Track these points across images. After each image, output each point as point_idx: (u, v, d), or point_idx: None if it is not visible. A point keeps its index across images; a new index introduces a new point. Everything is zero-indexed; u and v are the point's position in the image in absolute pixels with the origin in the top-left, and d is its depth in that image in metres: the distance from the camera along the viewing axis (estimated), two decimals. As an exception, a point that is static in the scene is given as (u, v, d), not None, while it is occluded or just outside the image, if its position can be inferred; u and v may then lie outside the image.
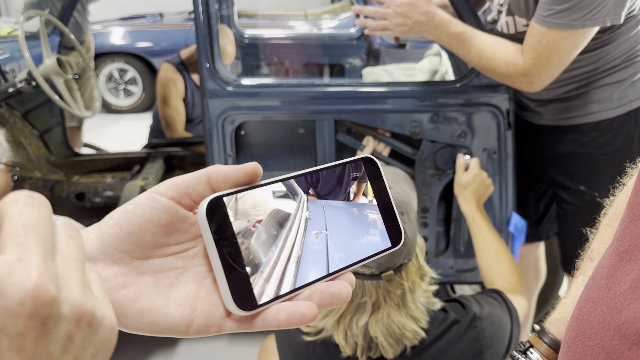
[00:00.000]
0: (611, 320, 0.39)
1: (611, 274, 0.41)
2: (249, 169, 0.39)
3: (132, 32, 5.66)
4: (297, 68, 3.23)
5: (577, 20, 1.28)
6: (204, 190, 0.39)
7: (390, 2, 1.43)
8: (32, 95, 2.49)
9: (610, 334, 0.38)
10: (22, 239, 0.28)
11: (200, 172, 0.39)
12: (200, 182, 0.39)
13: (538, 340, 0.64)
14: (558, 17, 1.29)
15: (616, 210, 0.63)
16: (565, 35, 1.31)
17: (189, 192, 0.38)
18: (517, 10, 1.42)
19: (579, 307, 0.44)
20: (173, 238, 0.39)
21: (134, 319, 0.37)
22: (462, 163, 1.64)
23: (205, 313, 0.38)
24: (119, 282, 0.37)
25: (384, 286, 1.05)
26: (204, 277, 0.40)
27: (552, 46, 1.33)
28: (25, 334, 0.26)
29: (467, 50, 1.44)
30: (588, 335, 0.41)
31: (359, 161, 0.46)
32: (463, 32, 1.43)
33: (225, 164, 1.71)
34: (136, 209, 0.37)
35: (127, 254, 0.38)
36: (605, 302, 0.40)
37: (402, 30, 1.45)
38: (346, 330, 1.08)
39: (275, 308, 0.38)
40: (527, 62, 1.38)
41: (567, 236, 1.73)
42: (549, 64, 1.35)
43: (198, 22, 1.62)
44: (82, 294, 0.29)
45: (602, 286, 0.41)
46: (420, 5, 1.41)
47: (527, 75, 1.39)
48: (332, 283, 0.40)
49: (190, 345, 2.22)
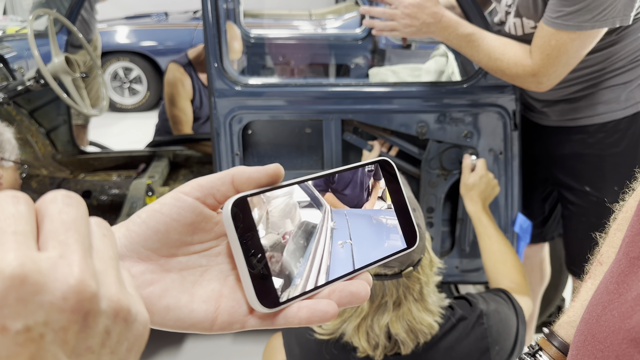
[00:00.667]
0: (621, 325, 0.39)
1: (622, 279, 0.41)
2: (271, 170, 0.41)
3: (137, 31, 5.67)
4: (303, 68, 3.24)
5: (587, 22, 1.29)
6: (227, 190, 0.40)
7: (398, 3, 1.43)
8: (39, 93, 2.51)
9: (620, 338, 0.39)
10: (62, 237, 0.29)
11: (224, 172, 0.40)
12: (224, 182, 0.40)
13: (547, 343, 0.64)
14: (568, 19, 1.30)
15: (625, 214, 0.63)
16: (575, 37, 1.32)
17: (213, 192, 0.40)
18: (526, 12, 1.43)
19: (589, 311, 0.44)
20: (197, 237, 0.40)
21: (160, 315, 0.38)
22: (469, 164, 1.65)
23: (228, 310, 0.39)
24: (145, 279, 0.38)
25: (404, 283, 1.07)
26: (227, 275, 0.41)
27: (561, 47, 1.33)
28: (68, 328, 0.27)
29: (475, 51, 1.45)
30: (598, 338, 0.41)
31: (376, 163, 0.47)
32: (471, 33, 1.44)
33: (232, 163, 1.73)
34: (163, 208, 0.39)
35: (154, 252, 0.39)
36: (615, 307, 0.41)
37: (410, 31, 1.45)
38: (368, 331, 1.09)
39: (297, 306, 0.39)
40: (535, 62, 1.38)
41: (572, 237, 1.74)
42: (558, 64, 1.36)
43: (207, 21, 1.63)
44: (119, 290, 0.30)
45: (612, 291, 0.42)
46: (428, 7, 1.42)
47: (535, 76, 1.40)
48: (352, 282, 0.41)
49: (195, 343, 2.23)
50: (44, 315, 0.26)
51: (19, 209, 0.28)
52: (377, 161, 0.47)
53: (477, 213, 1.58)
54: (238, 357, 2.18)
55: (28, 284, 0.26)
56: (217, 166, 1.75)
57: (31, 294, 0.26)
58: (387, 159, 0.48)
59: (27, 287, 0.26)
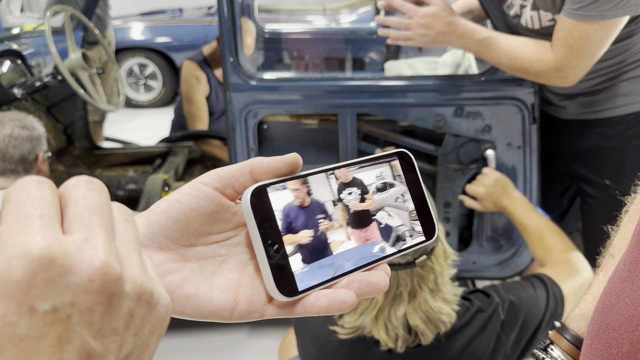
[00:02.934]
0: (635, 311, 0.39)
1: (634, 266, 0.41)
2: (290, 160, 0.41)
3: (152, 28, 5.70)
4: (317, 62, 3.23)
5: (609, 10, 1.27)
6: (246, 180, 0.40)
7: (414, 13, 1.43)
8: (56, 89, 2.53)
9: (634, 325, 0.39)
10: (86, 221, 0.29)
11: (242, 163, 0.40)
12: (242, 173, 0.40)
13: (559, 336, 0.64)
14: (589, 9, 1.27)
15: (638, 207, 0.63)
16: (598, 27, 1.29)
17: (231, 182, 0.40)
18: (543, 4, 1.41)
19: (602, 301, 0.44)
20: (216, 227, 0.40)
21: (180, 303, 0.38)
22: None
23: (247, 299, 0.39)
24: (165, 268, 0.39)
25: (418, 273, 1.06)
26: (245, 265, 0.41)
27: (584, 38, 1.31)
28: (94, 309, 0.27)
29: (495, 53, 1.44)
30: (612, 327, 0.41)
31: (394, 155, 0.47)
32: (488, 36, 1.43)
33: (247, 158, 1.73)
34: (182, 198, 0.39)
35: (174, 241, 0.39)
36: (628, 294, 0.40)
37: (425, 41, 1.45)
38: (386, 323, 1.09)
39: (315, 295, 0.39)
40: (558, 56, 1.36)
41: (591, 231, 1.72)
42: (582, 56, 1.34)
43: (222, 16, 1.63)
44: (142, 274, 0.30)
45: (624, 279, 0.42)
46: (443, 16, 1.41)
47: (560, 70, 1.38)
48: (370, 273, 0.41)
49: (211, 336, 2.25)
50: (71, 297, 0.26)
51: (44, 193, 0.29)
52: (395, 153, 0.47)
53: (510, 213, 1.58)
54: (254, 351, 2.19)
55: (55, 265, 0.26)
56: (232, 160, 1.76)
57: (58, 275, 0.26)
58: (405, 150, 0.47)
59: (55, 268, 0.26)
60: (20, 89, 2.10)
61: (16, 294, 0.25)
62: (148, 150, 2.99)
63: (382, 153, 0.46)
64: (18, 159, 1.62)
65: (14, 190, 0.28)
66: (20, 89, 2.11)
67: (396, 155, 0.47)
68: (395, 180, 0.46)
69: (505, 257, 1.87)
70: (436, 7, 1.41)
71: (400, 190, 0.46)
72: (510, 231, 1.84)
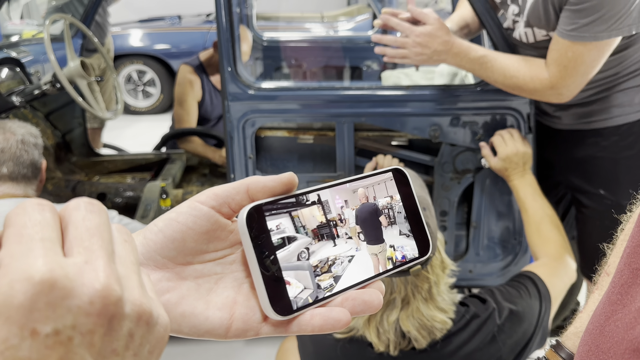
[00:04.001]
0: (625, 335, 0.39)
1: (625, 290, 0.42)
2: (285, 179, 0.41)
3: (150, 34, 5.72)
4: (315, 70, 3.24)
5: (602, 32, 1.28)
6: (242, 199, 0.40)
7: (410, 32, 1.45)
8: (54, 97, 2.54)
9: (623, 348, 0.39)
10: (87, 243, 0.30)
11: (239, 182, 0.41)
12: (239, 191, 0.40)
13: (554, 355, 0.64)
14: (583, 31, 1.29)
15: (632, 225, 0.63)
16: (591, 47, 1.32)
17: (228, 201, 0.40)
18: (537, 22, 1.42)
19: (593, 322, 0.45)
20: (213, 245, 0.41)
21: (176, 322, 0.39)
22: (487, 152, 1.64)
23: (243, 317, 0.40)
24: (162, 286, 0.39)
25: (412, 281, 1.08)
26: (241, 283, 0.42)
27: (578, 58, 1.33)
28: (94, 331, 0.28)
29: (490, 72, 1.46)
30: (601, 349, 0.41)
31: (388, 172, 0.47)
32: (483, 55, 1.45)
33: (245, 166, 1.74)
34: (179, 217, 0.39)
35: (170, 260, 0.40)
36: (619, 318, 0.41)
37: (421, 59, 1.47)
38: (378, 327, 1.11)
39: (310, 313, 0.40)
40: (553, 75, 1.38)
41: (586, 240, 1.73)
42: (576, 75, 1.36)
43: (220, 26, 1.64)
44: (141, 295, 0.31)
45: (615, 302, 0.42)
46: (439, 35, 1.43)
47: (554, 88, 1.40)
48: (364, 291, 0.42)
49: (208, 345, 2.25)
50: (72, 319, 0.27)
51: (45, 216, 0.29)
52: (389, 170, 0.47)
53: (515, 188, 1.60)
54: (251, 358, 2.19)
55: (57, 289, 0.26)
56: (230, 169, 1.76)
57: (60, 298, 0.27)
58: (399, 167, 0.48)
59: (56, 292, 0.26)
60: (18, 97, 2.11)
61: (18, 317, 0.26)
62: (146, 157, 3.00)
63: (377, 170, 0.47)
64: (29, 165, 1.64)
65: (16, 214, 0.29)
66: (18, 96, 2.11)
67: (391, 172, 0.47)
68: (389, 196, 0.47)
69: (501, 265, 1.88)
70: (432, 26, 1.43)
71: (395, 206, 0.47)
72: (506, 240, 1.85)
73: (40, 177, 1.70)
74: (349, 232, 0.44)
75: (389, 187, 0.47)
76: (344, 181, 0.45)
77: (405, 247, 0.46)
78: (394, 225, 0.46)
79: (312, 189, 0.43)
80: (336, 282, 0.42)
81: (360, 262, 0.43)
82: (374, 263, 0.44)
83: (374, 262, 0.44)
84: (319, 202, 0.43)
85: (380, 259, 0.44)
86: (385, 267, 0.45)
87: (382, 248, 0.45)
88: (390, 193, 0.47)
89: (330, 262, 0.42)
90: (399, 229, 0.46)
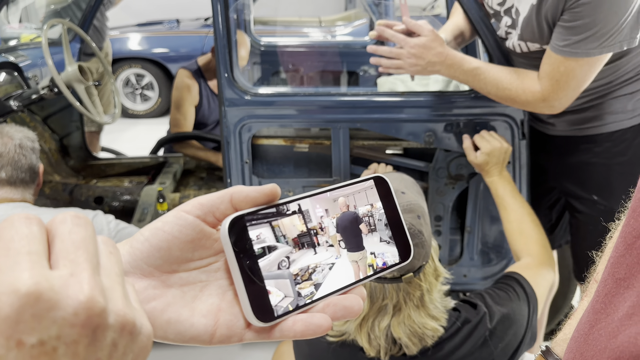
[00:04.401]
0: (607, 344, 0.40)
1: (609, 299, 0.43)
2: (268, 190, 0.43)
3: (149, 38, 5.73)
4: (312, 75, 3.26)
5: (594, 49, 1.30)
6: (226, 209, 0.42)
7: (405, 44, 1.47)
8: (52, 100, 2.55)
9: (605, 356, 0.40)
10: (72, 256, 0.31)
11: (223, 192, 0.42)
12: (223, 201, 0.42)
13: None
14: (575, 47, 1.31)
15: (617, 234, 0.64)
16: (583, 62, 1.34)
17: (213, 210, 0.41)
18: (531, 37, 1.44)
19: (578, 330, 0.46)
20: (198, 253, 0.42)
21: (162, 328, 0.40)
22: (469, 145, 1.65)
23: (227, 324, 0.41)
24: (148, 294, 0.40)
25: (404, 288, 1.09)
26: (225, 290, 0.43)
27: (570, 73, 1.36)
28: (79, 342, 0.29)
29: (483, 83, 1.48)
30: (585, 357, 0.42)
31: (370, 180, 0.49)
32: (477, 67, 1.47)
33: (242, 171, 1.75)
34: (165, 226, 0.41)
35: (156, 268, 0.41)
36: (603, 326, 0.42)
37: (415, 70, 1.49)
38: (369, 332, 1.12)
39: (292, 319, 0.41)
40: (545, 88, 1.41)
41: (580, 245, 1.74)
42: (568, 88, 1.38)
43: (217, 32, 1.66)
44: (125, 305, 0.32)
45: (598, 310, 0.43)
46: (433, 47, 1.45)
47: (546, 101, 1.42)
48: (346, 297, 0.43)
49: (204, 349, 2.25)
50: (57, 330, 0.28)
51: (32, 230, 0.30)
52: (370, 178, 0.49)
53: (493, 184, 1.59)
54: (247, 362, 2.19)
55: (42, 301, 0.28)
56: (227, 174, 1.77)
57: (45, 310, 0.28)
58: (380, 175, 0.49)
59: (42, 304, 0.28)
60: (16, 101, 2.12)
61: (4, 329, 0.27)
62: (143, 161, 3.01)
63: (357, 179, 0.48)
64: (27, 169, 1.65)
65: (3, 227, 0.30)
66: (16, 100, 2.12)
67: (372, 180, 0.49)
68: (370, 204, 0.48)
69: (495, 270, 1.89)
70: (427, 37, 1.45)
71: (375, 214, 0.48)
72: (500, 245, 1.86)
73: (38, 181, 1.71)
74: (329, 240, 0.45)
75: (370, 195, 0.48)
76: (325, 190, 0.46)
77: (385, 253, 0.47)
78: (375, 233, 0.47)
79: (292, 199, 0.44)
80: (317, 289, 0.43)
81: (341, 269, 0.45)
82: (355, 270, 0.45)
83: (354, 269, 0.45)
84: (300, 211, 0.44)
85: (361, 265, 0.46)
86: (366, 273, 0.46)
87: (363, 255, 0.46)
88: (372, 201, 0.48)
89: (311, 270, 0.43)
90: (379, 236, 0.47)
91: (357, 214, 0.47)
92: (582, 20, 1.27)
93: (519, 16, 1.44)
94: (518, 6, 1.43)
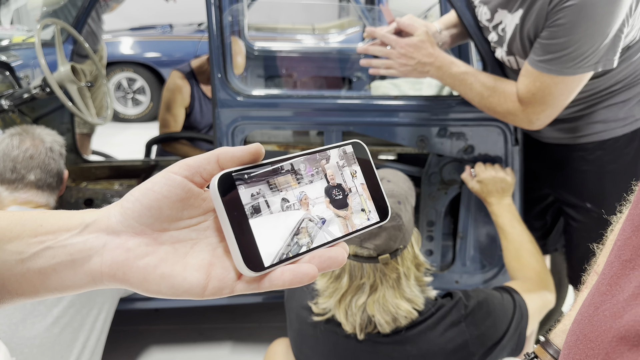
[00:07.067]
0: (612, 324, 0.40)
1: (614, 281, 0.43)
2: (253, 149, 0.45)
3: (141, 42, 5.72)
4: (305, 81, 3.27)
5: (569, 68, 1.31)
6: (213, 169, 0.44)
7: (396, 44, 1.48)
8: (43, 101, 2.53)
9: (610, 336, 0.40)
10: None
11: (209, 153, 0.44)
12: (210, 162, 0.44)
13: (543, 351, 0.65)
14: (550, 64, 1.32)
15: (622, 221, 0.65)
16: (558, 81, 1.34)
17: (200, 170, 0.43)
18: (518, 51, 1.45)
19: (581, 313, 0.46)
20: (187, 212, 0.44)
21: (156, 283, 0.42)
22: (467, 176, 1.67)
23: (218, 277, 0.43)
24: (142, 251, 0.42)
25: (381, 269, 1.16)
26: (215, 247, 0.45)
27: (545, 89, 1.36)
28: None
29: (468, 89, 1.49)
30: (589, 337, 0.42)
31: (349, 144, 0.52)
32: (464, 72, 1.48)
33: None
34: (155, 187, 0.42)
35: (148, 227, 0.43)
36: (607, 307, 0.42)
37: (406, 70, 1.50)
38: (346, 309, 1.19)
39: (281, 270, 0.43)
40: (522, 99, 1.42)
41: (574, 252, 1.75)
42: (545, 104, 1.39)
43: (211, 33, 1.66)
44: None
45: (604, 292, 0.43)
46: (424, 47, 1.46)
47: (525, 113, 1.43)
48: (331, 249, 0.45)
49: (193, 352, 2.23)
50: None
51: None
52: (350, 142, 0.52)
53: (493, 214, 1.63)
54: (236, 368, 2.17)
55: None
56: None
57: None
58: (358, 140, 0.52)
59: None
60: (7, 101, 2.10)
61: None
62: (134, 164, 2.99)
63: (338, 144, 0.51)
64: (56, 174, 1.63)
65: None
66: (7, 100, 2.10)
67: (351, 145, 0.52)
68: (350, 166, 0.51)
69: (487, 276, 1.89)
70: (418, 38, 1.46)
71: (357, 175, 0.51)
72: (492, 251, 1.86)
73: (62, 187, 1.69)
74: (315, 198, 0.48)
75: (350, 158, 0.52)
76: (311, 152, 0.49)
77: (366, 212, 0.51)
78: (356, 193, 0.51)
79: (278, 159, 0.47)
80: (304, 242, 0.45)
81: (327, 225, 0.47)
82: (339, 226, 0.48)
83: (338, 225, 0.48)
84: (285, 170, 0.47)
85: (344, 222, 0.49)
86: (349, 229, 0.49)
87: (346, 213, 0.49)
88: (352, 163, 0.52)
89: (298, 224, 0.46)
90: (360, 195, 0.51)
91: (340, 174, 0.50)
92: (558, 40, 1.28)
93: (505, 34, 1.45)
94: (504, 25, 1.45)
